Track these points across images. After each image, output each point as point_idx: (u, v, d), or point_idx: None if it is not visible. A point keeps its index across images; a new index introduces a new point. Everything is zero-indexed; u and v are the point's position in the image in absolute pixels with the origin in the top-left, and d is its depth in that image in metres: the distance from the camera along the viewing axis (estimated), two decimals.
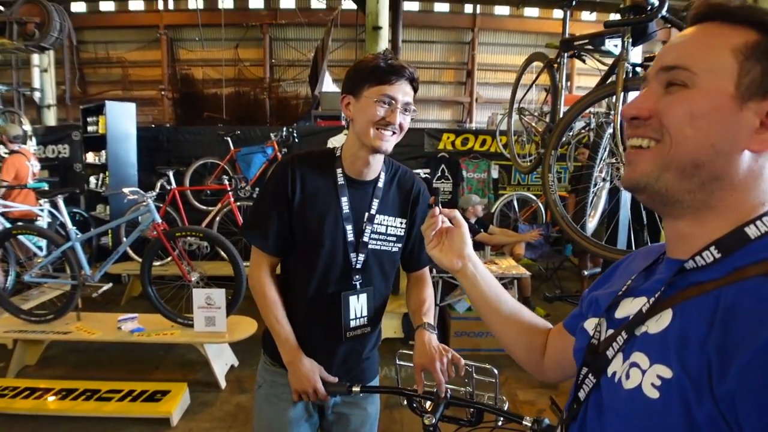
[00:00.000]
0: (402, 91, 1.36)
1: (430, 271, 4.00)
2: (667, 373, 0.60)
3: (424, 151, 6.50)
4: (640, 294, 0.73)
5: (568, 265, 6.30)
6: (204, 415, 3.15)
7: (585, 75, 10.99)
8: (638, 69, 2.29)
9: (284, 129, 5.94)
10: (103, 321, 3.73)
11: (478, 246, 4.78)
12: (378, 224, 1.51)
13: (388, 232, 1.53)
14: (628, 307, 0.73)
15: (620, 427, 0.66)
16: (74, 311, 3.72)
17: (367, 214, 1.49)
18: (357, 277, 1.50)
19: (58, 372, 3.66)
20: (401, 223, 1.55)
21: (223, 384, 3.52)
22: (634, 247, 2.48)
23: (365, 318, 1.54)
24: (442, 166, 6.44)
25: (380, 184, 1.51)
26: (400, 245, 1.57)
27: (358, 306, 1.52)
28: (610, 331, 0.74)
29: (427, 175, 5.62)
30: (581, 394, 0.76)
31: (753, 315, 0.55)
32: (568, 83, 11.64)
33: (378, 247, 1.52)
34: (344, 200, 1.46)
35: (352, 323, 1.52)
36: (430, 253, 1.04)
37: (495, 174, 6.54)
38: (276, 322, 1.49)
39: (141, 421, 2.99)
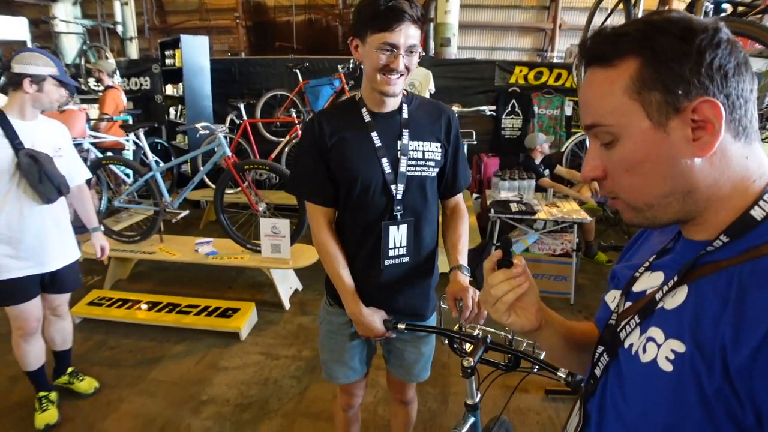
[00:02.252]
0: (404, 36, 1.34)
1: (488, 211, 3.99)
2: (680, 347, 0.63)
3: (495, 85, 6.24)
4: (657, 269, 0.76)
5: None
6: (269, 332, 3.48)
7: None
8: (724, 5, 2.09)
9: (351, 61, 5.91)
10: (183, 243, 4.12)
11: (541, 188, 4.68)
12: (413, 150, 1.54)
13: (426, 157, 1.57)
14: (645, 281, 0.76)
15: (640, 399, 0.69)
16: (157, 234, 4.12)
17: (399, 143, 1.53)
18: (398, 207, 1.56)
19: (146, 286, 4.13)
20: (437, 147, 1.59)
21: (287, 305, 3.83)
22: None
23: (403, 248, 1.60)
24: (513, 101, 6.19)
25: (405, 114, 1.55)
26: (438, 170, 1.61)
27: (397, 236, 1.58)
28: (628, 304, 0.77)
29: (492, 112, 5.43)
30: (597, 371, 0.79)
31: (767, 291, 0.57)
32: (666, 6, 10.49)
33: (418, 174, 1.56)
34: (374, 135, 1.52)
35: (391, 252, 1.59)
36: (507, 323, 0.87)
37: (568, 111, 6.20)
38: (337, 277, 1.60)
39: (215, 334, 3.36)
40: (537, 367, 1.31)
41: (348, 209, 1.60)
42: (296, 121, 5.37)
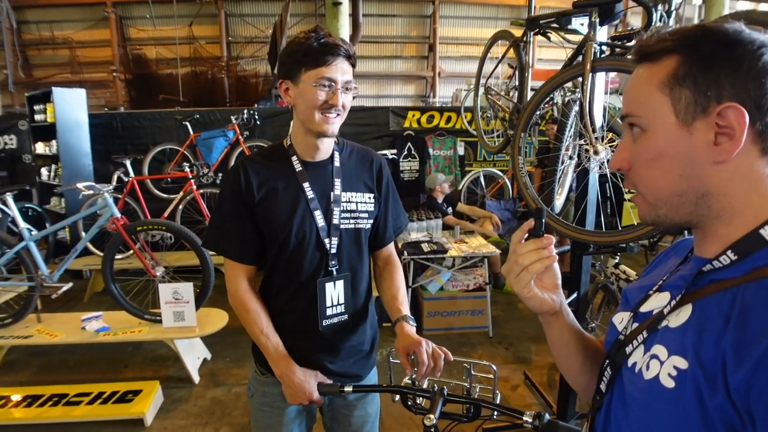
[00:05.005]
0: (340, 71, 1.32)
1: (401, 254, 3.99)
2: (683, 364, 0.64)
3: (390, 130, 6.41)
4: (664, 289, 0.77)
5: None
6: (179, 412, 3.09)
7: (546, 47, 11.02)
8: (604, 48, 2.28)
9: (245, 111, 5.75)
10: (66, 321, 3.60)
11: (447, 226, 4.80)
12: (346, 202, 1.48)
13: (359, 209, 1.50)
14: (653, 302, 0.77)
15: (641, 416, 0.70)
16: (34, 313, 3.57)
17: (332, 194, 1.46)
18: (333, 262, 1.47)
19: (22, 377, 3.53)
20: (370, 198, 1.53)
21: (196, 379, 3.46)
22: (603, 228, 2.51)
23: (342, 305, 1.51)
24: (408, 144, 6.37)
25: (337, 163, 1.49)
26: (372, 221, 1.55)
27: (334, 293, 1.49)
28: (635, 325, 0.78)
29: (394, 156, 5.54)
30: (602, 386, 0.80)
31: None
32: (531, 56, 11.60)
33: (352, 227, 1.49)
34: (307, 185, 1.43)
35: (329, 311, 1.49)
36: (528, 296, 0.86)
37: (461, 151, 6.52)
38: (261, 335, 1.45)
39: (113, 424, 2.91)
40: (496, 413, 1.24)
41: (278, 268, 1.47)
42: (189, 176, 5.04)
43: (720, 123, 0.62)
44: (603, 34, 2.34)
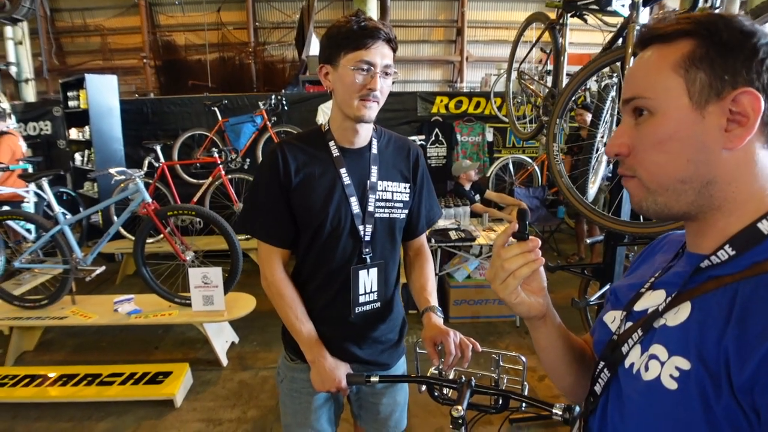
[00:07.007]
0: (380, 54, 1.28)
1: (429, 241, 3.95)
2: (685, 364, 0.62)
3: (418, 116, 6.34)
4: (659, 287, 0.74)
5: (564, 227, 6.28)
6: (207, 394, 3.14)
7: (577, 30, 10.70)
8: None
9: (273, 97, 5.76)
10: (99, 304, 3.68)
11: (474, 213, 4.73)
12: (382, 191, 1.46)
13: (395, 198, 1.48)
14: (648, 300, 0.75)
15: (641, 418, 0.67)
16: (69, 295, 3.66)
17: (368, 182, 1.44)
18: (367, 250, 1.46)
19: (58, 357, 3.64)
20: (405, 188, 1.51)
21: (224, 362, 3.51)
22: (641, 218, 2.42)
23: (374, 293, 1.50)
24: (436, 130, 6.29)
25: (374, 150, 1.46)
26: (407, 211, 1.53)
27: (367, 281, 1.48)
28: (629, 324, 0.75)
29: (421, 142, 5.46)
30: (597, 388, 0.78)
31: None
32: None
33: (387, 216, 1.47)
34: (343, 171, 1.41)
35: (361, 298, 1.48)
36: (515, 302, 0.82)
37: (490, 137, 6.40)
38: (296, 320, 1.45)
39: (144, 404, 2.97)
40: (524, 404, 1.21)
41: (311, 254, 1.46)
42: (218, 161, 5.09)
43: (733, 109, 0.62)
44: (645, 16, 2.23)
